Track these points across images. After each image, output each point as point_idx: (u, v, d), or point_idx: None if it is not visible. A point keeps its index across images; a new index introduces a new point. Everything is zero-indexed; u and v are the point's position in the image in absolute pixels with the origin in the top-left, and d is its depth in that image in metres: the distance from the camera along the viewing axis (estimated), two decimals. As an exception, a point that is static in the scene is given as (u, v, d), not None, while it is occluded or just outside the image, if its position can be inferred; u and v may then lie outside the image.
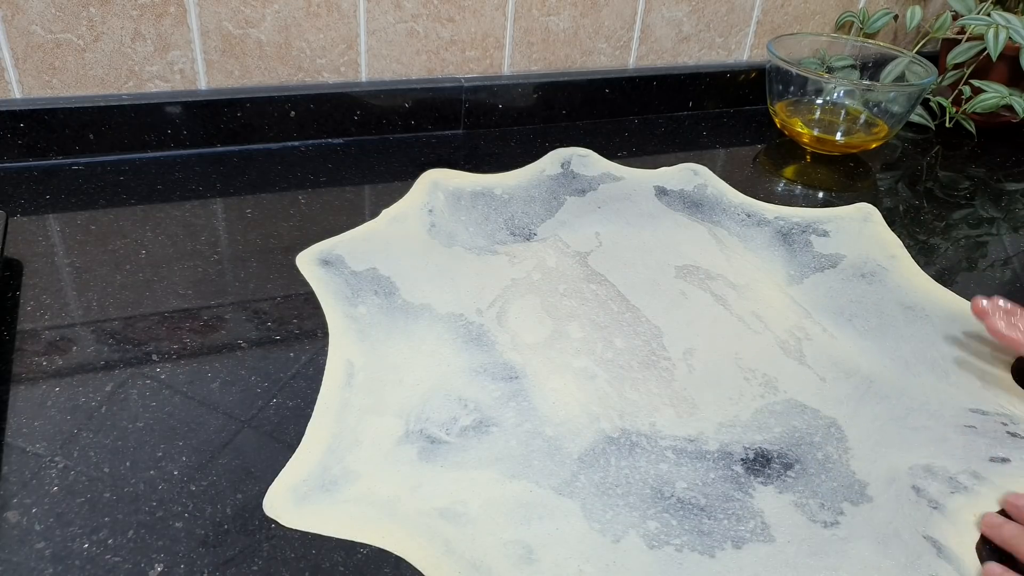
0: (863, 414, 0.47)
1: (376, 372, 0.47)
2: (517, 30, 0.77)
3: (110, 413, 0.43)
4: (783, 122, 0.81)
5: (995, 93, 0.81)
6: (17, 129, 0.63)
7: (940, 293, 0.58)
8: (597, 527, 0.38)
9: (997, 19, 0.78)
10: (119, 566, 0.35)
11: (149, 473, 0.39)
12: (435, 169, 0.68)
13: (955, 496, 0.41)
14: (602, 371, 0.48)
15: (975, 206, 0.73)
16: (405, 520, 0.38)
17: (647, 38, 0.83)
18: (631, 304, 0.54)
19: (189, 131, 0.68)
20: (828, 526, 0.39)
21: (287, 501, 0.38)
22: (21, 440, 0.40)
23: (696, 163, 0.73)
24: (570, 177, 0.69)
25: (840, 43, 0.86)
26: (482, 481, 0.40)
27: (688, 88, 0.85)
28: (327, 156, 0.71)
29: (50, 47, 0.63)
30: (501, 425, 0.44)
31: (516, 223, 0.63)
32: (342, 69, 0.72)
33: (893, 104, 0.78)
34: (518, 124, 0.79)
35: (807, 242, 0.63)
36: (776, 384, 0.49)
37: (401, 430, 0.43)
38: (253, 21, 0.67)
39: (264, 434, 0.42)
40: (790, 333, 0.53)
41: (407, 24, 0.72)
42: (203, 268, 0.55)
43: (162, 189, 0.63)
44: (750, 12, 0.86)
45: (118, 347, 0.47)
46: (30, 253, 0.54)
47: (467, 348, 0.49)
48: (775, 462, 0.43)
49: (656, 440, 0.44)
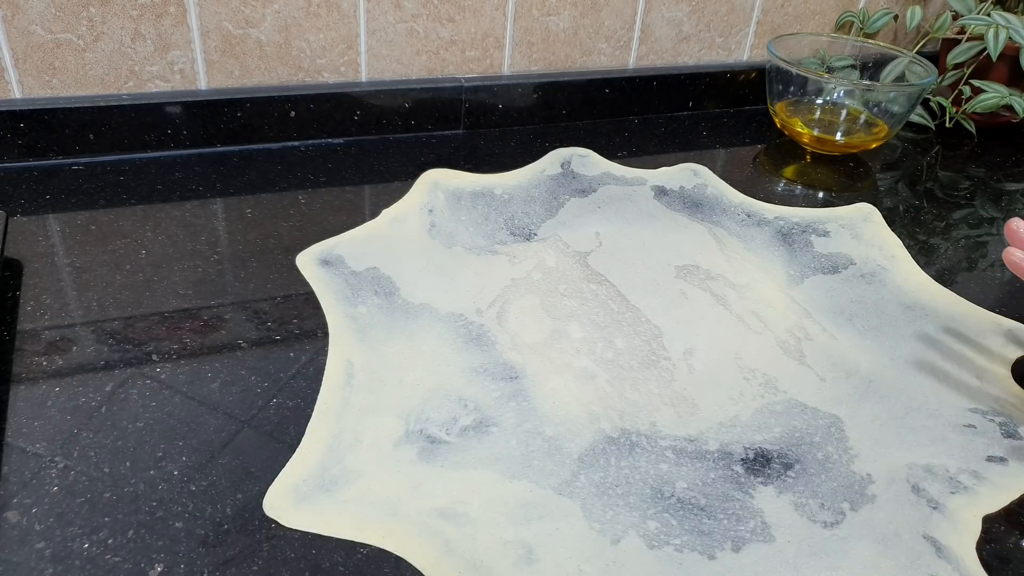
0: (863, 414, 0.47)
1: (376, 372, 0.47)
2: (517, 30, 0.77)
3: (110, 413, 0.43)
4: (783, 122, 0.81)
5: (995, 93, 0.81)
6: (17, 129, 0.63)
7: (940, 293, 0.58)
8: (597, 527, 0.38)
9: (997, 19, 0.78)
10: (119, 566, 0.35)
11: (149, 473, 0.39)
12: (435, 169, 0.68)
13: (955, 496, 0.41)
14: (602, 371, 0.48)
15: (975, 206, 0.73)
16: (405, 520, 0.38)
17: (647, 38, 0.83)
18: (631, 304, 0.54)
19: (189, 131, 0.68)
20: (828, 526, 0.39)
21: (287, 501, 0.38)
22: (21, 440, 0.40)
23: (696, 163, 0.73)
24: (570, 177, 0.69)
25: (840, 43, 0.86)
26: (482, 481, 0.40)
27: (688, 88, 0.85)
28: (327, 156, 0.71)
29: (50, 47, 0.63)
30: (501, 425, 0.44)
31: (516, 223, 0.63)
32: (342, 69, 0.72)
33: (893, 104, 0.78)
34: (518, 124, 0.79)
35: (807, 242, 0.63)
36: (776, 384, 0.49)
37: (401, 430, 0.43)
38: (253, 21, 0.67)
39: (264, 434, 0.42)
40: (790, 333, 0.53)
41: (407, 24, 0.72)
42: (203, 268, 0.55)
43: (162, 189, 0.63)
44: (750, 12, 0.86)
45: (118, 347, 0.47)
46: (30, 253, 0.54)
47: (467, 348, 0.49)
48: (775, 462, 0.43)
49: (656, 440, 0.44)
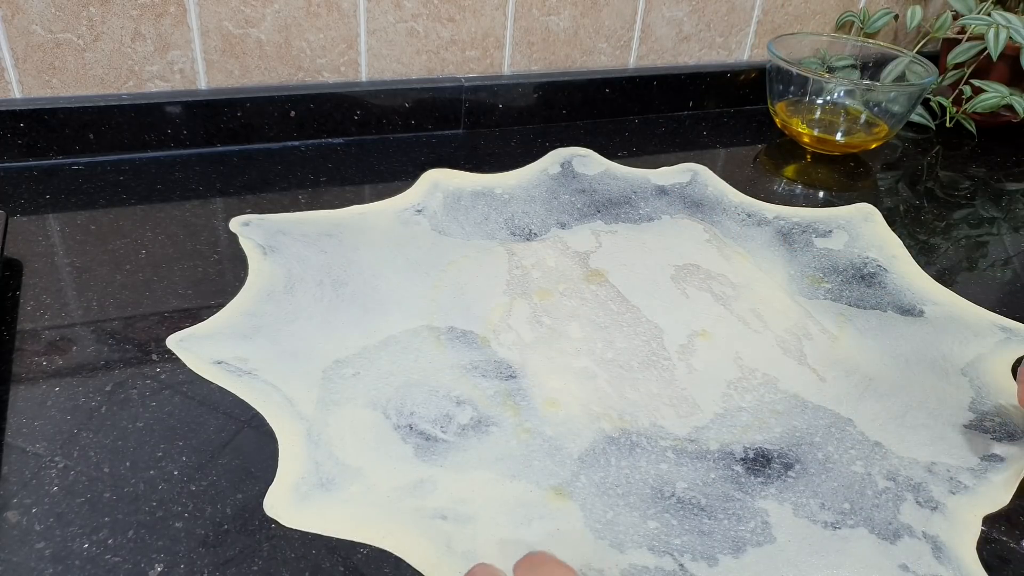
0: (863, 413, 0.47)
1: (320, 364, 0.47)
2: (517, 30, 0.76)
3: (110, 413, 0.42)
4: (783, 122, 0.81)
5: (995, 93, 0.81)
6: (17, 129, 0.63)
7: (940, 293, 0.58)
8: (597, 527, 0.38)
9: (997, 19, 0.78)
10: (119, 566, 0.35)
11: (149, 473, 0.39)
12: (436, 169, 0.68)
13: (955, 496, 0.41)
14: (602, 371, 0.48)
15: (975, 206, 0.73)
16: (405, 520, 0.38)
17: (647, 38, 0.83)
18: (631, 304, 0.54)
19: (189, 131, 0.68)
20: (828, 526, 0.39)
21: (287, 501, 0.38)
22: (21, 440, 0.40)
23: (696, 163, 0.73)
24: (570, 177, 0.69)
25: (840, 43, 0.86)
26: (482, 481, 0.40)
27: (688, 88, 0.85)
28: (327, 156, 0.71)
29: (50, 47, 0.63)
30: (501, 424, 0.44)
31: (516, 223, 0.63)
32: (342, 69, 0.72)
33: (893, 104, 0.78)
34: (518, 124, 0.79)
35: (807, 242, 0.63)
36: (776, 384, 0.49)
37: (384, 423, 0.43)
38: (253, 21, 0.67)
39: (264, 434, 0.42)
40: (790, 333, 0.53)
41: (407, 24, 0.72)
42: (203, 268, 0.55)
43: (162, 189, 0.63)
44: (750, 12, 0.86)
45: (118, 347, 0.47)
46: (30, 253, 0.54)
47: (453, 345, 0.49)
48: (775, 462, 0.43)
49: (656, 440, 0.44)
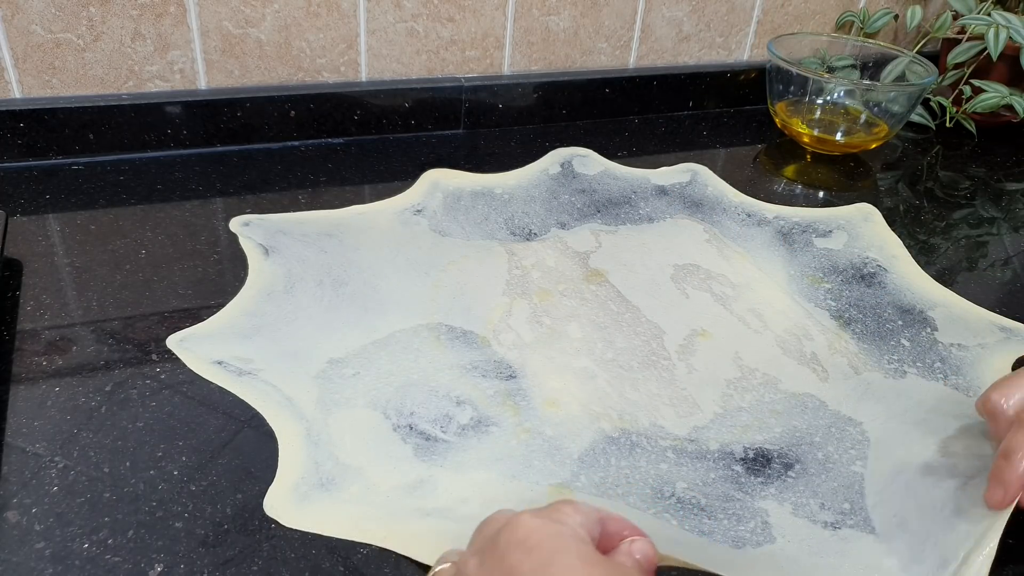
0: (863, 413, 0.47)
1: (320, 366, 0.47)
2: (517, 30, 0.76)
3: (110, 413, 0.42)
4: (783, 122, 0.81)
5: (995, 93, 0.81)
6: (17, 129, 0.63)
7: (940, 293, 0.58)
8: (597, 527, 0.38)
9: (997, 19, 0.78)
10: (119, 566, 0.35)
11: (149, 473, 0.39)
12: (436, 169, 0.68)
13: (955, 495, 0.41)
14: (602, 371, 0.48)
15: (975, 206, 0.73)
16: (405, 520, 0.38)
17: (647, 38, 0.83)
18: (631, 304, 0.54)
19: (189, 131, 0.68)
20: (828, 526, 0.39)
21: (287, 501, 0.38)
22: (21, 440, 0.40)
23: (696, 163, 0.73)
24: (570, 177, 0.69)
25: (840, 43, 0.86)
26: (482, 481, 0.40)
27: (688, 88, 0.85)
28: (327, 156, 0.71)
29: (50, 47, 0.63)
30: (501, 424, 0.44)
31: (516, 223, 0.63)
32: (342, 69, 0.72)
33: (893, 104, 0.78)
34: (518, 124, 0.79)
35: (807, 242, 0.63)
36: (776, 383, 0.49)
37: (383, 423, 0.43)
38: (253, 21, 0.67)
39: (264, 434, 0.42)
40: (790, 333, 0.53)
41: (407, 24, 0.72)
42: (203, 268, 0.55)
43: (162, 189, 0.63)
44: (750, 12, 0.86)
45: (118, 347, 0.47)
46: (30, 253, 0.54)
47: (452, 345, 0.49)
48: (775, 462, 0.43)
49: (656, 440, 0.44)
